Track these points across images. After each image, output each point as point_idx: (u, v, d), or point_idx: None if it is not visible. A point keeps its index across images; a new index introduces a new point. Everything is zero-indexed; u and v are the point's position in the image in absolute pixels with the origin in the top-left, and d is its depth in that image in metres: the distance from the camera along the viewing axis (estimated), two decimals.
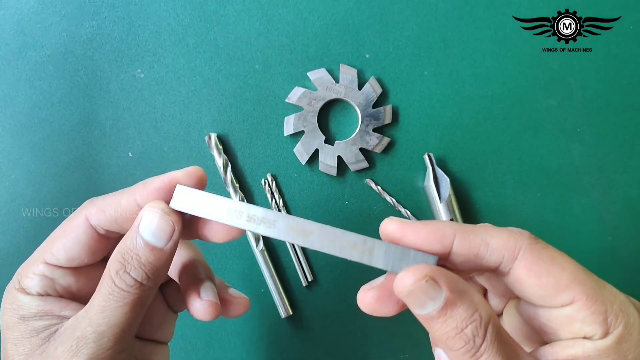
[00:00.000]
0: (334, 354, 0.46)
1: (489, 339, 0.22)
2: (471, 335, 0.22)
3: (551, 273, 0.23)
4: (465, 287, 0.23)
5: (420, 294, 0.23)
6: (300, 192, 0.46)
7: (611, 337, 0.23)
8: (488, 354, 0.22)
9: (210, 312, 0.30)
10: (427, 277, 0.23)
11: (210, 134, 0.45)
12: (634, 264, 0.47)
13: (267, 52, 0.46)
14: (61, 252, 0.29)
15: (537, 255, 0.24)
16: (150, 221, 0.27)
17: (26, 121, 0.45)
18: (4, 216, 0.45)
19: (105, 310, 0.27)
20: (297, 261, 0.45)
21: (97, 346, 0.26)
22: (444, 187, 0.44)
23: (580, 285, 0.23)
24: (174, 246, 0.28)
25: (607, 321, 0.23)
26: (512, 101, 0.46)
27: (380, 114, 0.45)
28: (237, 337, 0.46)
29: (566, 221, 0.46)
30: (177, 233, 0.27)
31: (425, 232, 0.25)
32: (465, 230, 0.25)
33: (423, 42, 0.46)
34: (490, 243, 0.24)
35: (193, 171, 0.29)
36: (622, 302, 0.23)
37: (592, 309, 0.23)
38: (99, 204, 0.29)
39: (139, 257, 0.27)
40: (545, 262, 0.23)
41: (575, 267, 0.24)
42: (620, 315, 0.23)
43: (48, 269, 0.29)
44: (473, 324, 0.23)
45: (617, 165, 0.47)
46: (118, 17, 0.45)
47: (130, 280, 0.27)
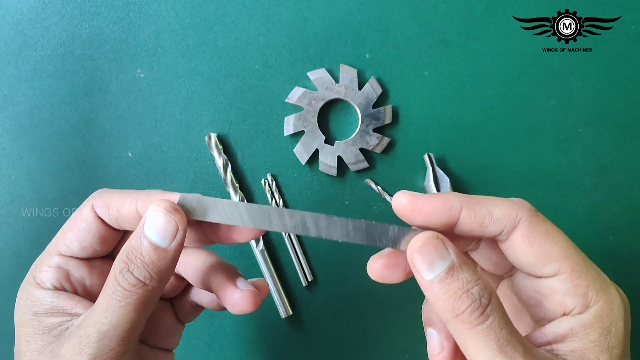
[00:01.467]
0: (334, 354, 0.46)
1: (494, 302, 0.24)
2: (478, 295, 0.24)
3: (543, 244, 0.25)
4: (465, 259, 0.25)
5: (431, 250, 0.25)
6: (300, 192, 0.46)
7: (592, 310, 0.25)
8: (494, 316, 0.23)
9: (253, 300, 0.30)
10: (437, 236, 0.25)
11: (210, 134, 0.45)
12: (634, 264, 0.46)
13: (267, 52, 0.46)
14: (74, 243, 0.30)
15: (534, 227, 0.25)
16: (154, 221, 0.27)
17: (26, 121, 0.45)
18: (4, 216, 0.45)
19: (108, 310, 0.27)
20: (297, 261, 0.45)
21: (100, 346, 0.26)
22: (444, 187, 0.44)
23: (567, 259, 0.25)
24: (178, 246, 0.27)
25: (587, 295, 0.25)
26: (512, 101, 0.46)
27: (380, 114, 0.45)
28: (237, 337, 0.46)
29: (566, 221, 0.46)
30: (181, 233, 0.27)
31: (435, 204, 0.26)
32: (471, 200, 0.26)
33: (423, 42, 0.46)
34: (494, 213, 0.26)
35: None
36: (604, 281, 0.25)
37: (575, 282, 0.25)
38: (105, 199, 0.30)
39: (142, 256, 0.27)
40: (540, 234, 0.25)
41: (567, 243, 0.25)
42: (601, 292, 0.25)
43: (62, 260, 0.30)
44: (479, 285, 0.24)
45: (617, 165, 0.46)
46: (118, 17, 0.45)
47: (133, 280, 0.27)
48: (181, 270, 0.33)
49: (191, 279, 0.32)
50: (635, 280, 0.46)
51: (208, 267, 0.32)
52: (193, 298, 0.35)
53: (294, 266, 0.45)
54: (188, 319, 0.35)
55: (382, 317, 0.46)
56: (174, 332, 0.35)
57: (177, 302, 0.35)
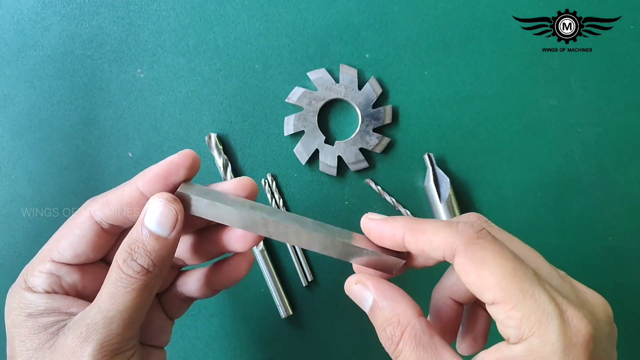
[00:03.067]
0: (333, 354, 0.46)
1: (406, 339, 0.26)
2: (390, 334, 0.27)
3: (478, 274, 0.25)
4: (392, 294, 0.28)
5: (354, 294, 0.29)
6: (300, 192, 0.46)
7: (523, 344, 0.24)
8: (405, 352, 0.26)
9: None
10: (358, 282, 0.29)
11: (210, 134, 0.45)
12: (634, 264, 0.47)
13: (267, 52, 0.46)
14: (67, 250, 0.30)
15: (469, 256, 0.25)
16: (154, 211, 0.28)
17: (26, 121, 0.45)
18: (4, 216, 0.45)
19: (114, 297, 0.27)
20: (297, 261, 0.45)
21: (107, 331, 0.27)
22: (444, 187, 0.44)
23: (501, 290, 0.24)
24: (177, 235, 0.29)
25: (520, 328, 0.24)
26: (512, 101, 0.46)
27: (380, 114, 0.45)
28: (237, 337, 0.46)
29: (566, 221, 0.46)
30: (180, 222, 0.29)
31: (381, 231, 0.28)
32: (414, 228, 0.27)
33: (423, 42, 0.46)
34: (433, 241, 0.26)
35: (188, 153, 0.30)
36: (544, 314, 0.24)
37: (508, 313, 0.24)
38: (101, 200, 0.30)
39: (144, 245, 0.28)
40: (475, 263, 0.25)
41: (504, 272, 0.24)
42: (536, 326, 0.24)
43: (55, 267, 0.30)
44: (391, 325, 0.27)
45: (617, 165, 0.47)
46: (118, 17, 0.45)
47: (137, 267, 0.28)
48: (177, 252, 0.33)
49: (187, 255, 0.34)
50: (635, 280, 0.46)
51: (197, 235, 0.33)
52: (181, 290, 0.35)
53: (294, 266, 0.45)
54: (177, 314, 0.36)
55: None
56: (164, 328, 0.35)
57: (165, 297, 0.35)
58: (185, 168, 0.30)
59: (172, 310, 0.35)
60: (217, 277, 0.34)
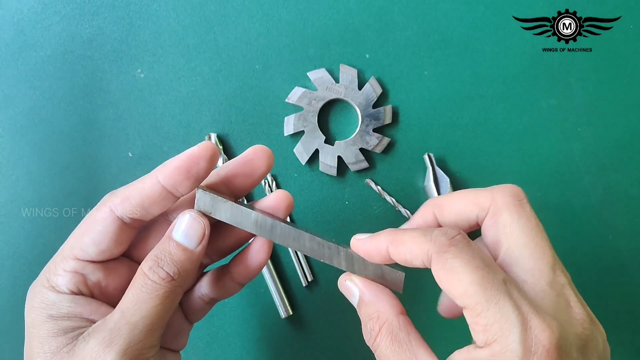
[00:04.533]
0: (334, 354, 0.46)
1: (383, 333, 0.29)
2: (370, 328, 0.29)
3: (448, 281, 0.26)
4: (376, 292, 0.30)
5: (345, 289, 0.32)
6: (300, 192, 0.46)
7: (487, 349, 0.25)
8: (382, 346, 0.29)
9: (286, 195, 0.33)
10: (348, 279, 0.32)
11: (210, 134, 0.45)
12: (634, 264, 0.47)
13: (267, 52, 0.46)
14: (91, 247, 0.30)
15: (441, 264, 0.27)
16: (182, 224, 0.30)
17: (26, 121, 0.45)
18: (4, 216, 0.45)
19: (138, 302, 0.28)
20: (297, 261, 0.45)
21: (130, 337, 0.27)
22: (444, 187, 0.44)
23: (468, 297, 0.26)
24: (202, 250, 0.30)
25: (486, 333, 0.25)
26: (512, 101, 0.46)
27: (380, 114, 0.45)
28: (237, 337, 0.46)
29: (566, 221, 0.46)
30: (207, 236, 0.30)
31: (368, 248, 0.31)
32: (394, 240, 0.29)
33: (423, 42, 0.46)
34: (412, 251, 0.28)
35: (208, 145, 0.30)
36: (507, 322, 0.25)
37: (474, 319, 0.26)
38: (121, 194, 0.30)
39: (171, 255, 0.29)
40: (446, 271, 0.26)
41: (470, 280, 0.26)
42: (499, 333, 0.25)
43: (79, 265, 0.30)
44: (372, 320, 0.29)
45: (617, 165, 0.47)
46: (118, 17, 0.45)
47: (163, 274, 0.28)
48: None
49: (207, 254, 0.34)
50: (635, 280, 0.46)
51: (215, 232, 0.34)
52: (201, 291, 0.35)
53: (294, 266, 0.45)
54: (197, 317, 0.36)
55: None
56: (182, 331, 0.35)
57: (185, 300, 0.35)
58: (205, 160, 0.30)
59: (193, 313, 0.35)
60: (240, 268, 0.34)
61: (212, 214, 0.31)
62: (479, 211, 0.29)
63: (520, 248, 0.28)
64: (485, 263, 0.26)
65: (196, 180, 0.30)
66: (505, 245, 0.28)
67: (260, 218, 0.31)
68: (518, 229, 0.28)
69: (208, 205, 0.31)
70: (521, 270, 0.27)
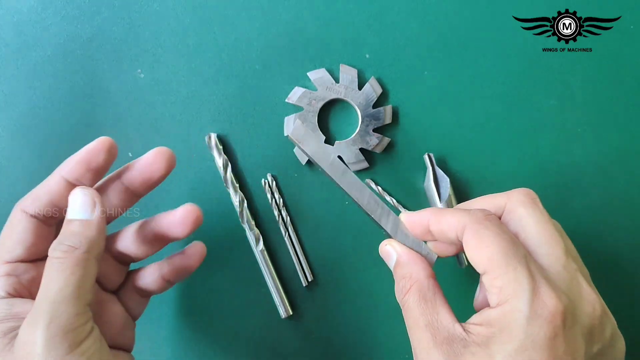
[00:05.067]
0: (334, 354, 0.46)
1: (413, 291, 0.32)
2: (402, 286, 0.33)
3: (475, 248, 0.30)
4: (411, 257, 0.34)
5: (384, 253, 0.36)
6: (300, 192, 0.45)
7: (499, 308, 0.29)
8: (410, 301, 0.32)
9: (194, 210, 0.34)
10: (389, 244, 0.36)
11: (210, 134, 0.45)
12: (634, 264, 0.47)
13: (267, 52, 0.46)
14: (16, 247, 0.32)
15: (471, 234, 0.31)
16: (73, 201, 0.31)
17: (26, 121, 0.45)
18: (4, 216, 0.45)
19: (50, 281, 0.29)
20: (297, 261, 0.45)
21: (52, 311, 0.28)
22: (444, 187, 0.44)
23: (490, 262, 0.29)
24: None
25: (500, 295, 0.29)
26: (512, 101, 0.46)
27: (380, 114, 0.45)
28: (237, 337, 0.46)
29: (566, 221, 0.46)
30: (99, 202, 0.31)
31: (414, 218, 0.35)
32: (437, 213, 0.34)
33: (423, 42, 0.46)
34: (450, 222, 0.32)
35: (104, 139, 0.33)
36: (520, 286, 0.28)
37: (492, 282, 0.29)
38: (30, 196, 0.33)
39: (70, 231, 0.31)
40: (475, 240, 0.30)
41: (496, 248, 0.29)
42: (511, 295, 0.28)
43: (9, 267, 0.32)
44: (404, 279, 0.33)
45: (617, 165, 0.47)
46: (118, 17, 0.45)
47: (64, 247, 0.30)
48: (119, 249, 0.36)
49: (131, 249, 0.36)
50: (635, 280, 0.46)
51: (139, 226, 0.35)
52: (138, 284, 0.37)
53: (294, 266, 0.45)
54: (137, 311, 0.38)
55: (382, 317, 0.46)
56: (126, 327, 0.36)
57: (124, 293, 0.37)
58: (103, 152, 0.33)
59: (131, 307, 0.37)
60: (171, 269, 0.37)
61: (300, 144, 0.35)
62: (496, 210, 0.33)
63: (536, 237, 0.31)
64: (512, 239, 0.30)
65: (97, 172, 0.33)
66: (522, 235, 0.32)
67: (335, 160, 0.36)
68: (533, 221, 0.31)
69: (300, 135, 0.36)
70: (540, 256, 0.31)
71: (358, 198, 0.37)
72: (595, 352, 0.30)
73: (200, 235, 0.45)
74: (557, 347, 0.28)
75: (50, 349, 0.27)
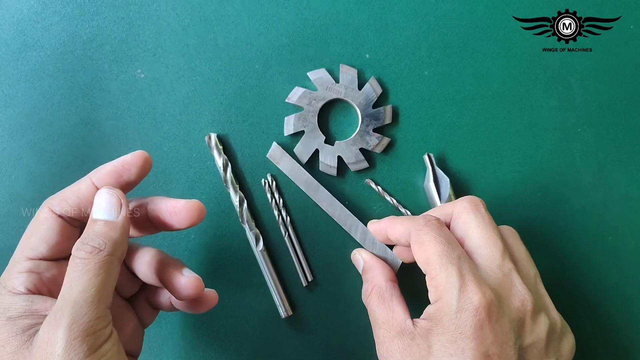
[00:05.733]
0: (334, 354, 0.46)
1: (373, 294, 0.38)
2: (365, 288, 0.39)
3: (417, 252, 0.35)
4: (375, 264, 0.41)
5: (354, 260, 0.43)
6: (300, 192, 0.45)
7: (435, 304, 0.33)
8: (370, 301, 0.38)
9: (197, 285, 0.34)
10: (357, 252, 0.43)
11: (210, 134, 0.45)
12: (634, 264, 0.47)
13: (267, 52, 0.46)
14: (40, 245, 0.32)
15: (414, 239, 0.35)
16: (98, 202, 0.32)
17: (26, 121, 0.45)
18: (4, 216, 0.45)
19: (73, 281, 0.29)
20: (297, 261, 0.45)
21: (73, 313, 0.28)
22: (444, 187, 0.44)
23: (428, 264, 0.34)
24: (125, 217, 0.32)
25: (436, 293, 0.33)
26: (512, 101, 0.46)
27: (380, 114, 0.45)
28: (237, 337, 0.46)
29: (566, 221, 0.46)
30: (124, 204, 0.32)
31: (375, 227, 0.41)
32: (391, 223, 0.40)
33: (423, 42, 0.46)
34: (401, 230, 0.38)
35: (140, 154, 0.34)
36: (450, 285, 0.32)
37: (430, 282, 0.34)
38: (59, 197, 0.33)
39: (94, 232, 0.31)
40: (416, 244, 0.35)
41: (433, 251, 0.34)
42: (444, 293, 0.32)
43: (32, 264, 0.32)
44: (367, 283, 0.40)
45: (617, 165, 0.47)
46: (118, 17, 0.45)
47: (88, 248, 0.30)
48: (133, 266, 0.36)
49: (141, 274, 0.35)
50: (635, 280, 0.46)
51: (156, 261, 0.35)
52: (150, 297, 0.38)
53: (294, 266, 0.45)
54: (148, 321, 0.38)
55: None
56: (136, 334, 0.37)
57: (136, 302, 0.38)
58: (137, 167, 0.33)
59: (143, 316, 0.38)
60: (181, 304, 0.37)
61: (278, 164, 0.43)
62: (446, 217, 0.37)
63: (477, 240, 0.35)
64: (448, 241, 0.34)
65: (126, 185, 0.33)
66: (466, 239, 0.36)
67: (310, 179, 0.43)
68: (474, 225, 0.35)
69: (277, 157, 0.43)
70: (479, 257, 0.35)
71: (330, 211, 0.43)
72: (528, 343, 0.33)
73: (201, 235, 0.45)
74: (485, 337, 0.31)
75: (70, 351, 0.27)
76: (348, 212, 0.42)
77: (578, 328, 0.38)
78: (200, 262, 0.45)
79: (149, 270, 0.35)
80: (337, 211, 0.43)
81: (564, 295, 0.46)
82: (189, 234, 0.45)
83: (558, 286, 0.46)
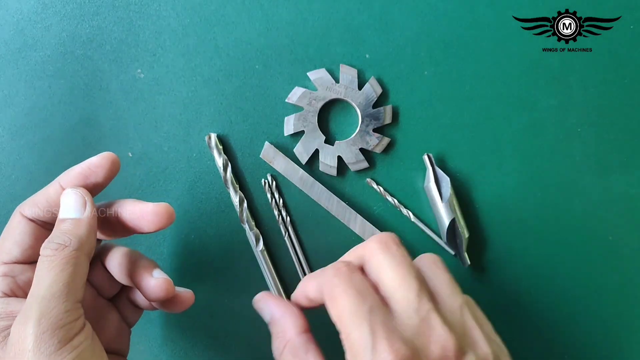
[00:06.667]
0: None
1: (286, 352, 0.33)
2: (276, 346, 0.34)
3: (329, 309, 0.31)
4: (284, 312, 0.35)
5: (258, 309, 0.36)
6: (300, 192, 0.45)
7: None
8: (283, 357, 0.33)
9: (166, 288, 0.34)
10: (262, 299, 0.36)
11: (210, 134, 0.45)
12: (634, 264, 0.47)
13: (267, 52, 0.46)
14: (14, 248, 0.33)
15: (326, 294, 0.31)
16: (65, 201, 0.32)
17: (26, 121, 0.45)
18: (4, 216, 0.45)
19: (40, 279, 0.29)
20: (297, 261, 0.45)
21: (41, 308, 0.28)
22: (445, 187, 0.44)
23: (340, 322, 0.30)
24: (92, 215, 0.32)
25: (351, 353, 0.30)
26: (512, 101, 0.46)
27: (380, 114, 0.45)
28: (237, 337, 0.46)
29: (566, 221, 0.46)
30: (90, 202, 0.33)
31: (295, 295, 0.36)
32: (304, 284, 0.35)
33: (423, 42, 0.46)
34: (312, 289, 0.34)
35: (107, 156, 0.34)
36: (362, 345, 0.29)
37: (344, 341, 0.30)
38: (29, 202, 0.34)
39: (60, 230, 0.31)
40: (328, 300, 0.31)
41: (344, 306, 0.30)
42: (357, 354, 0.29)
43: (6, 268, 0.32)
44: (278, 338, 0.34)
45: (617, 165, 0.47)
46: (118, 17, 0.45)
47: (54, 246, 0.30)
48: (108, 266, 0.36)
49: (115, 274, 0.36)
50: (635, 280, 0.46)
51: (128, 261, 0.36)
52: (131, 297, 0.38)
53: (294, 266, 0.45)
54: (132, 320, 0.39)
55: None
56: (121, 333, 0.37)
57: (119, 302, 0.38)
58: (103, 169, 0.34)
59: (126, 316, 0.38)
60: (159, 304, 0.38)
61: (271, 163, 0.43)
62: (360, 261, 0.33)
63: (390, 283, 0.31)
64: (359, 292, 0.30)
65: (94, 187, 0.34)
66: (380, 284, 0.31)
67: (305, 175, 0.43)
68: (386, 267, 0.31)
69: (270, 156, 0.44)
70: (394, 302, 0.31)
71: (328, 206, 0.43)
72: None
73: (201, 235, 0.45)
74: None
75: (40, 345, 0.27)
76: (345, 205, 0.43)
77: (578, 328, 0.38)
78: (200, 262, 0.45)
79: (120, 271, 0.35)
80: (334, 205, 0.43)
81: (563, 296, 0.46)
82: (189, 234, 0.45)
83: (558, 286, 0.46)
